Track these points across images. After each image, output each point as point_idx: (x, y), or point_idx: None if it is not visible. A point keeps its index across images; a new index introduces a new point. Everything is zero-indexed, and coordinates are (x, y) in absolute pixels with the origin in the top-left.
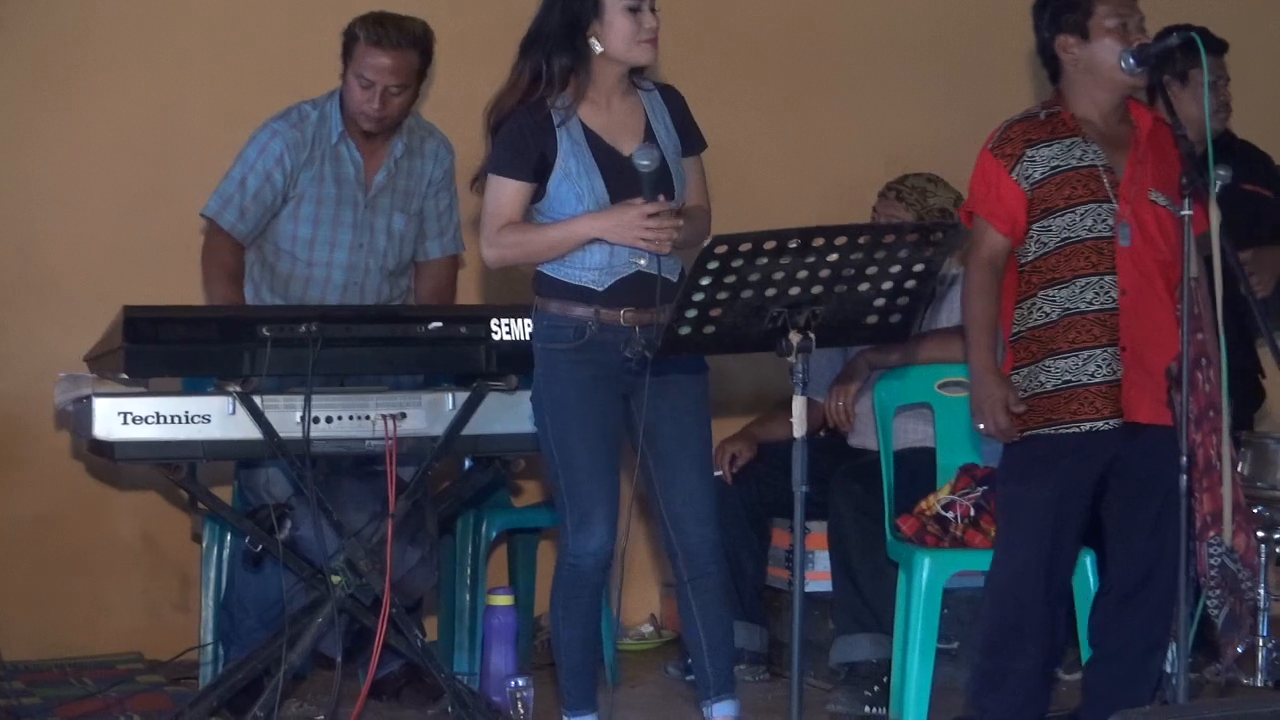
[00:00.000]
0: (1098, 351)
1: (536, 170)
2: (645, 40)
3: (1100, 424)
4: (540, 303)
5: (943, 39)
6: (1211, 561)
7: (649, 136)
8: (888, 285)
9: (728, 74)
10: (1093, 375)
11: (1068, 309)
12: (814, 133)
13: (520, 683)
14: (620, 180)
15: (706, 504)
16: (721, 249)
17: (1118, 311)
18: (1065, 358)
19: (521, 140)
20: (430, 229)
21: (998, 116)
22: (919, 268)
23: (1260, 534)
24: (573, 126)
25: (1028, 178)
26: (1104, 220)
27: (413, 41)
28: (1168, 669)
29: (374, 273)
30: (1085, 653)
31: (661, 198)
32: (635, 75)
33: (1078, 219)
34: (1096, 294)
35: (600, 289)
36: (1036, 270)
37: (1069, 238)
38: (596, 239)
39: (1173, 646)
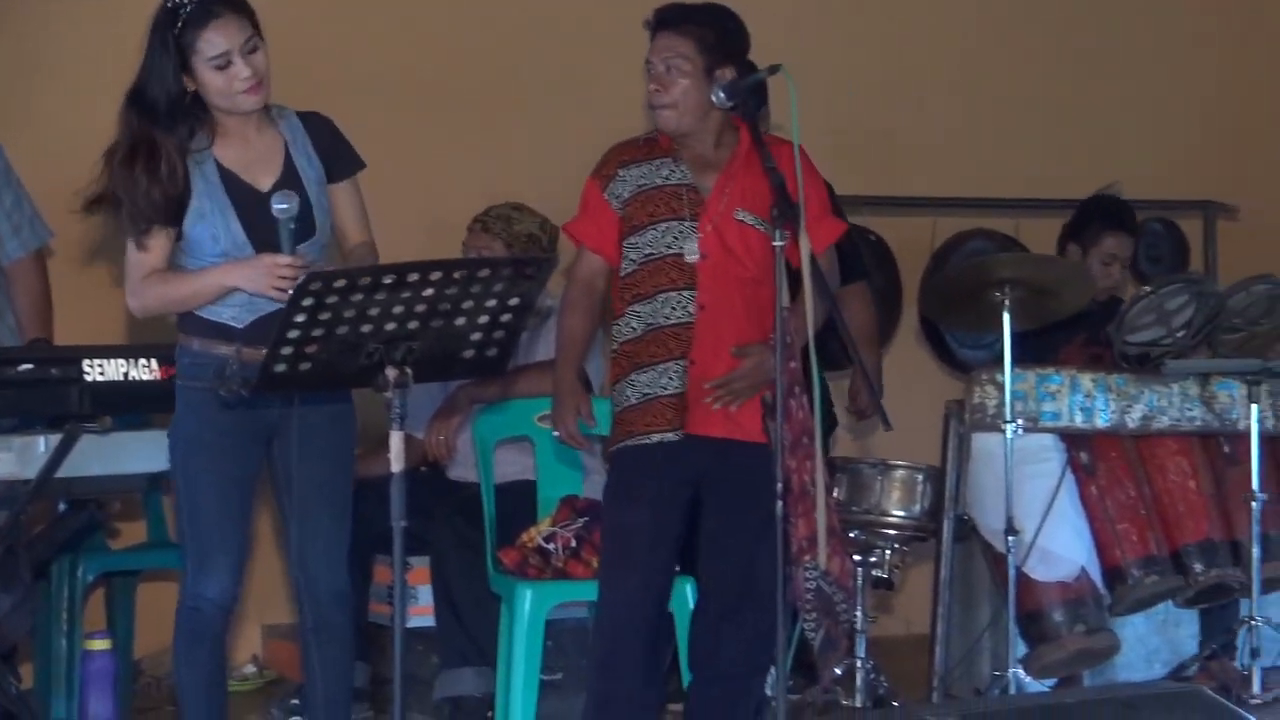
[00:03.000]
0: (672, 364)
1: (174, 213)
2: (243, 91)
3: (670, 435)
4: (183, 339)
5: (550, 75)
6: (808, 585)
7: (288, 170)
8: (484, 319)
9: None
10: (664, 388)
11: (650, 324)
12: (413, 169)
13: None
14: (259, 218)
15: (339, 553)
16: (316, 285)
17: (693, 325)
18: (646, 371)
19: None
20: (3, 229)
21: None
22: (514, 301)
23: (856, 557)
24: (207, 165)
25: (618, 196)
26: (685, 237)
27: None
28: (768, 692)
29: None
30: (685, 677)
31: (299, 251)
32: (273, 107)
33: (659, 235)
34: (675, 308)
35: (240, 326)
36: (626, 287)
37: (651, 254)
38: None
39: (773, 670)
